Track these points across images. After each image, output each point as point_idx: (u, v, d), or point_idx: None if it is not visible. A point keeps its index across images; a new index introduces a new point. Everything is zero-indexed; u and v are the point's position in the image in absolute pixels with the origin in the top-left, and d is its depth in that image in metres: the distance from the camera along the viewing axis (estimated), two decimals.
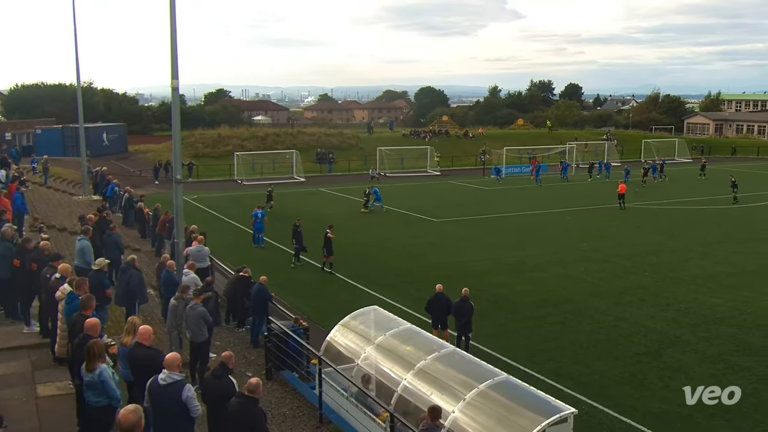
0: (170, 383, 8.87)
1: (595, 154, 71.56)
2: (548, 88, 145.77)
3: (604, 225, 36.95)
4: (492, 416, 10.30)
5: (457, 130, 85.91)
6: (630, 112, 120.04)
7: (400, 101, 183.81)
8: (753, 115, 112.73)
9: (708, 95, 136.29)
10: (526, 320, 20.81)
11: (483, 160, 64.95)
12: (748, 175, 59.64)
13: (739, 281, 25.12)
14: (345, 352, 13.64)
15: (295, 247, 26.98)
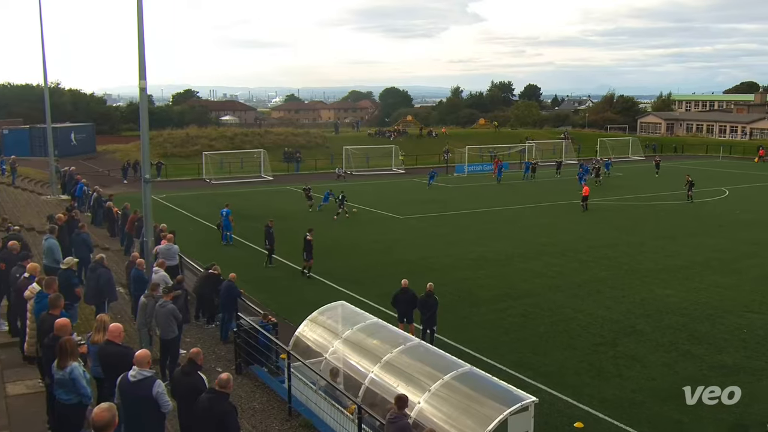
0: (140, 380, 8.76)
1: (553, 152, 72.44)
2: (508, 88, 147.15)
3: (563, 221, 37.36)
4: (456, 406, 10.38)
5: (421, 130, 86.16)
6: (586, 111, 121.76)
7: (366, 101, 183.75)
8: (702, 114, 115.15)
9: (660, 96, 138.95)
10: (488, 313, 20.95)
11: (446, 158, 65.33)
12: (697, 172, 60.82)
13: (689, 273, 25.62)
14: (313, 347, 13.61)
15: (268, 248, 26.70)
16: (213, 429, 9.08)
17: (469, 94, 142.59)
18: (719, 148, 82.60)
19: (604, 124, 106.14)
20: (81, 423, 9.07)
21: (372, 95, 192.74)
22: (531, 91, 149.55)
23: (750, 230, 34.06)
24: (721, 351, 17.77)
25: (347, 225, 35.61)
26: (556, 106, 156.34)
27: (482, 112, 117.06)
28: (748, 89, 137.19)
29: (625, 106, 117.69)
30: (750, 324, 19.80)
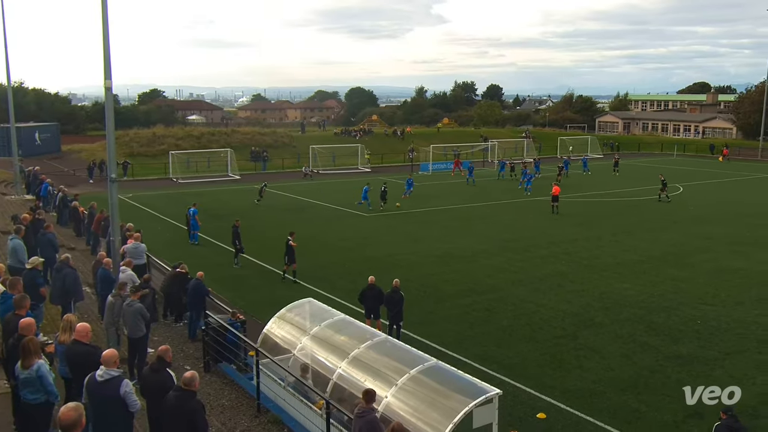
0: (108, 379, 8.61)
1: (515, 151, 73.12)
2: (471, 88, 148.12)
3: (524, 217, 37.75)
4: (423, 399, 10.41)
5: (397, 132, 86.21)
6: (546, 111, 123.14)
7: (332, 101, 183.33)
8: (657, 114, 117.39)
9: (617, 96, 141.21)
10: (453, 308, 21.05)
11: (411, 157, 65.53)
12: (653, 170, 61.93)
13: (646, 267, 26.07)
14: (281, 344, 13.54)
15: (238, 247, 26.40)
16: (181, 427, 8.98)
17: (433, 94, 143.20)
18: (674, 147, 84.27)
19: (564, 123, 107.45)
20: (48, 423, 8.89)
21: (338, 95, 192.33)
22: (493, 91, 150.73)
23: (703, 225, 34.78)
24: (676, 342, 18.12)
25: (314, 223, 35.47)
26: (518, 106, 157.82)
27: (446, 112, 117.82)
28: (700, 90, 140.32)
29: (584, 106, 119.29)
30: (703, 315, 20.23)
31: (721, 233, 32.61)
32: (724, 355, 17.17)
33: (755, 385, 15.44)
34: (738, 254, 28.17)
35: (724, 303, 21.49)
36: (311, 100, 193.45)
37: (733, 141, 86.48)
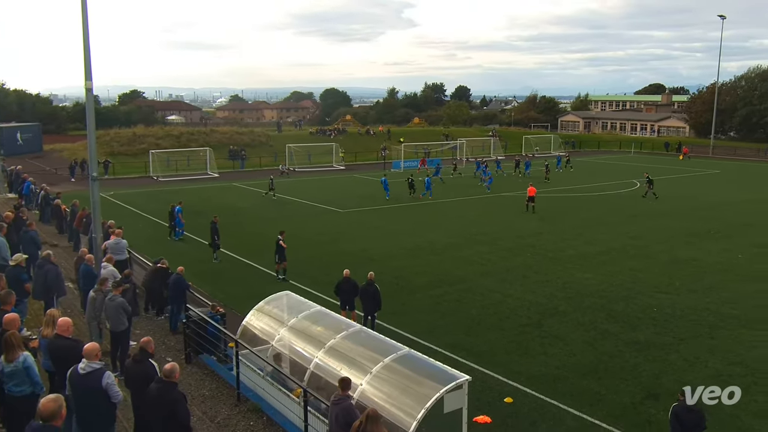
0: (90, 372, 8.50)
1: (482, 149, 73.49)
2: (440, 89, 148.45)
3: (491, 212, 37.98)
4: (396, 386, 10.43)
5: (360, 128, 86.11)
6: (512, 111, 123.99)
7: (307, 101, 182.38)
8: (615, 113, 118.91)
9: (578, 96, 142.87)
10: (424, 299, 21.10)
11: (383, 155, 65.54)
12: (612, 166, 62.77)
13: (606, 259, 26.39)
14: (260, 335, 13.47)
15: (216, 243, 26.14)
16: (164, 417, 8.91)
17: (404, 95, 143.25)
18: (631, 144, 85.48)
19: (529, 122, 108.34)
20: (33, 414, 8.76)
21: (313, 96, 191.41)
22: (461, 92, 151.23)
23: (659, 219, 35.32)
24: (634, 328, 18.38)
25: (291, 219, 35.30)
26: (485, 106, 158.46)
27: (417, 112, 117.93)
28: (656, 91, 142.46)
29: (547, 106, 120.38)
30: (659, 303, 20.55)
31: (675, 226, 33.14)
32: (679, 341, 17.46)
33: (707, 367, 15.74)
34: (691, 246, 28.65)
35: (679, 291, 21.85)
36: (287, 101, 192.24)
37: (686, 139, 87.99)
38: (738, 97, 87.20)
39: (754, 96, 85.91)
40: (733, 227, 33.05)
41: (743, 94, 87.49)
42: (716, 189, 48.50)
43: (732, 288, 22.28)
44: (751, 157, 75.28)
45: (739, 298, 21.09)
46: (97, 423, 8.71)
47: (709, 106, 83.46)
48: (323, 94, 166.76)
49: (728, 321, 18.98)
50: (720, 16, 78.43)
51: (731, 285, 22.66)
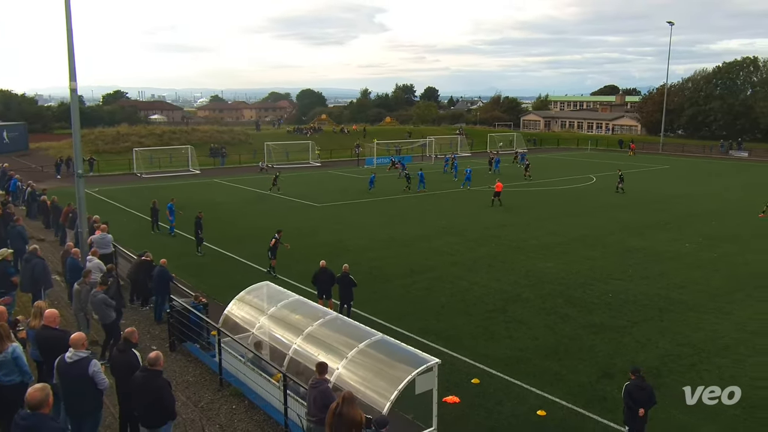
0: (76, 360, 8.39)
1: (450, 146, 73.72)
2: (410, 90, 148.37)
3: (459, 206, 38.13)
4: (370, 370, 10.46)
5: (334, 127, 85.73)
6: (477, 111, 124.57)
7: (284, 102, 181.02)
8: (573, 113, 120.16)
9: (539, 97, 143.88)
10: (397, 288, 21.13)
11: (357, 152, 65.43)
12: (570, 162, 63.44)
13: (565, 248, 26.70)
14: (241, 323, 13.40)
15: (199, 237, 25.64)
16: (149, 403, 8.83)
17: (376, 96, 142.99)
18: (588, 142, 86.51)
19: (493, 121, 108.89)
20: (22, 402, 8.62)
21: (290, 96, 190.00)
22: (430, 92, 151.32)
23: (614, 211, 35.84)
24: (591, 313, 18.65)
25: (270, 213, 35.11)
26: (452, 106, 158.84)
27: (388, 111, 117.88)
28: (610, 92, 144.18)
29: (510, 106, 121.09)
30: (614, 289, 20.87)
31: (629, 218, 33.66)
32: (632, 324, 17.77)
33: (658, 348, 16.05)
34: (643, 236, 29.14)
35: (631, 278, 22.22)
36: (265, 101, 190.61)
37: (638, 137, 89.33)
38: (685, 98, 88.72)
39: (700, 97, 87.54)
40: (681, 218, 33.68)
41: (690, 95, 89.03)
42: (666, 183, 49.34)
43: (680, 274, 22.72)
44: (698, 153, 76.73)
45: (686, 284, 21.52)
46: (84, 410, 8.60)
47: (659, 106, 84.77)
48: (299, 94, 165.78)
49: (676, 305, 19.37)
50: (669, 23, 79.60)
51: (679, 272, 23.11)
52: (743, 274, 22.76)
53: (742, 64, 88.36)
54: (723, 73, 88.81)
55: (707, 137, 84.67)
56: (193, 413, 11.34)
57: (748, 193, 43.20)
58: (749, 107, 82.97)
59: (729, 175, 55.95)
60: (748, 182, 50.18)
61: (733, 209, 36.91)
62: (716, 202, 39.49)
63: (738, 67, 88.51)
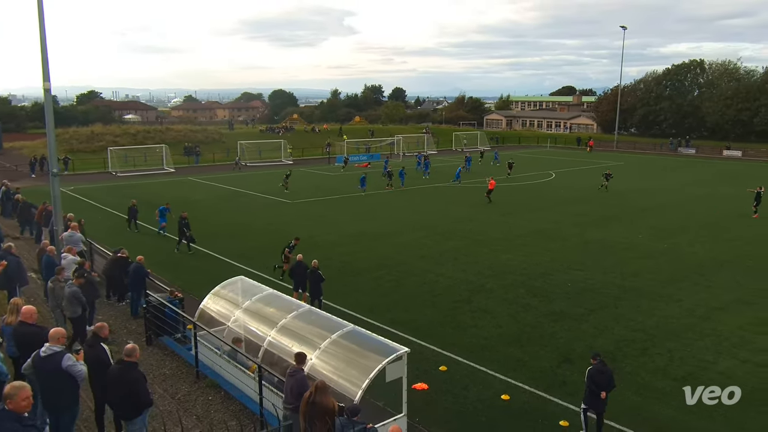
0: (50, 354, 8.22)
1: (417, 145, 73.93)
2: (379, 91, 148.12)
3: (426, 201, 38.28)
4: (342, 359, 10.46)
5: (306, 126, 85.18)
6: (443, 110, 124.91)
7: (257, 102, 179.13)
8: (533, 112, 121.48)
9: (501, 97, 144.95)
10: (367, 281, 21.15)
11: (328, 151, 65.16)
12: (530, 159, 64.14)
13: (526, 241, 27.03)
14: (217, 317, 13.26)
15: (188, 235, 25.07)
16: (124, 396, 8.70)
17: (346, 96, 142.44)
18: (547, 140, 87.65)
19: (458, 120, 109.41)
20: None
21: (262, 96, 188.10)
22: (398, 93, 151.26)
23: (573, 205, 36.38)
24: (551, 302, 18.93)
25: (244, 209, 34.76)
26: (419, 106, 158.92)
27: (358, 111, 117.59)
28: (568, 92, 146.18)
29: (474, 106, 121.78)
30: (572, 279, 21.23)
31: (586, 211, 34.21)
32: (590, 311, 18.09)
33: (614, 334, 16.38)
34: (599, 228, 29.66)
35: (589, 268, 22.60)
36: (238, 101, 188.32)
37: (594, 135, 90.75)
38: (637, 98, 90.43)
39: (651, 97, 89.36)
40: (635, 212, 34.38)
41: (642, 95, 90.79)
42: (620, 179, 50.18)
43: (633, 264, 23.20)
44: (649, 150, 78.35)
45: (639, 273, 21.99)
46: (60, 404, 8.42)
47: (613, 106, 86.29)
48: (271, 94, 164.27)
49: (630, 293, 19.78)
50: (622, 27, 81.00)
51: (633, 262, 23.60)
52: (691, 263, 23.35)
53: (690, 67, 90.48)
54: (672, 75, 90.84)
55: (658, 135, 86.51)
56: (170, 405, 11.19)
57: (696, 188, 44.34)
58: (696, 107, 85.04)
59: (678, 170, 57.28)
60: (696, 178, 51.44)
61: (682, 203, 37.81)
62: (667, 196, 40.37)
63: (686, 69, 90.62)
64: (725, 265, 23.21)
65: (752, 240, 27.49)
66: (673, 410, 12.33)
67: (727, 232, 29.01)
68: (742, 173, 54.72)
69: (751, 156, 69.97)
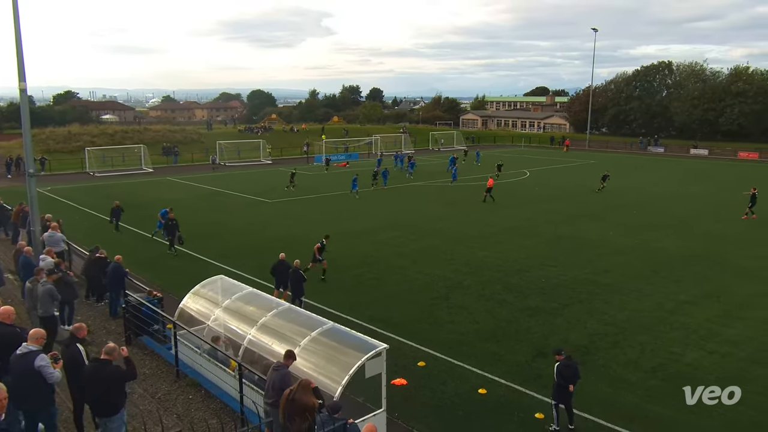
0: (25, 353, 8.10)
1: (394, 144, 73.98)
2: (357, 91, 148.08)
3: (404, 200, 38.33)
4: (322, 356, 10.44)
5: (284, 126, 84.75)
6: (420, 110, 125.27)
7: (235, 102, 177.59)
8: (508, 112, 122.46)
9: (476, 98, 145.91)
10: (347, 279, 21.11)
11: (306, 150, 64.90)
12: (505, 158, 64.51)
13: (502, 238, 27.22)
14: (197, 316, 13.13)
15: (178, 235, 24.62)
16: (100, 394, 8.58)
17: (324, 96, 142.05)
18: (521, 139, 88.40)
19: (434, 120, 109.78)
20: None
21: (240, 97, 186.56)
22: (375, 93, 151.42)
23: (546, 203, 36.74)
24: (527, 297, 19.10)
25: (223, 209, 34.47)
26: (396, 106, 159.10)
27: (336, 111, 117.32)
28: (541, 93, 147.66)
29: (450, 106, 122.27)
30: (547, 275, 21.44)
31: (559, 209, 34.56)
32: (563, 306, 18.30)
33: (586, 328, 16.59)
34: (572, 225, 30.00)
35: (562, 264, 22.84)
36: (216, 101, 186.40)
37: (566, 134, 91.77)
38: (608, 99, 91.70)
39: (622, 98, 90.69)
40: (606, 209, 34.84)
41: (613, 96, 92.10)
42: (592, 177, 50.80)
43: (604, 260, 23.52)
44: (620, 149, 79.47)
45: (611, 268, 22.30)
46: (33, 403, 8.27)
47: (585, 106, 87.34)
48: (250, 95, 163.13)
49: (602, 288, 20.05)
50: (593, 29, 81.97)
51: (604, 257, 23.92)
52: (660, 259, 23.75)
53: (659, 68, 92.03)
54: (641, 76, 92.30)
55: (628, 134, 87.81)
56: (150, 404, 11.07)
57: (665, 186, 45.09)
58: (665, 107, 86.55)
59: (648, 169, 58.17)
60: (665, 176, 52.30)
61: (652, 200, 38.41)
62: (637, 194, 40.98)
63: (654, 70, 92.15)
64: (693, 260, 23.65)
65: (719, 236, 28.06)
66: (639, 399, 12.55)
67: (695, 229, 29.56)
68: (709, 171, 55.84)
69: (717, 155, 71.39)
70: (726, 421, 11.56)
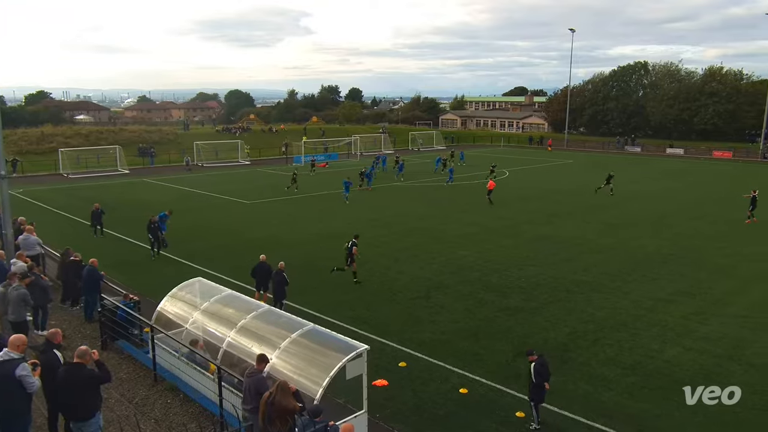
0: (6, 360, 7.92)
1: (374, 144, 73.95)
2: (336, 91, 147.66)
3: (385, 200, 38.33)
4: (303, 358, 10.39)
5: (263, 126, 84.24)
6: (399, 110, 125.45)
7: (213, 102, 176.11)
8: (487, 112, 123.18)
9: (455, 98, 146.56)
10: (328, 279, 21.01)
11: (285, 151, 64.58)
12: (484, 158, 64.89)
13: (483, 238, 27.34)
14: (175, 319, 12.97)
15: (161, 237, 24.24)
16: (73, 398, 8.44)
17: (303, 96, 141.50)
18: (501, 139, 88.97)
19: (414, 120, 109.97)
20: None
21: (218, 96, 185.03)
22: (354, 93, 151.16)
23: (525, 202, 37.01)
24: (506, 296, 19.22)
25: (201, 210, 34.13)
26: (375, 106, 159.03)
27: (315, 111, 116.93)
28: (520, 93, 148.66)
29: (429, 106, 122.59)
30: (526, 275, 21.59)
31: (538, 208, 34.84)
32: (543, 305, 18.45)
33: (566, 326, 16.75)
34: (551, 225, 30.27)
35: (542, 263, 23.02)
36: (194, 101, 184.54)
37: (545, 134, 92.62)
38: (586, 99, 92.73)
39: (599, 98, 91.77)
40: (585, 208, 35.21)
41: (590, 96, 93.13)
42: (570, 176, 51.41)
43: (583, 259, 23.78)
44: (597, 149, 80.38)
45: (589, 267, 22.54)
46: (9, 410, 8.10)
47: (563, 106, 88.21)
48: (228, 95, 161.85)
49: (581, 287, 20.26)
50: (570, 30, 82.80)
51: (583, 256, 24.18)
52: (639, 257, 24.07)
53: (635, 68, 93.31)
54: (618, 76, 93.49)
55: (605, 134, 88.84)
56: (127, 410, 10.91)
57: (642, 185, 45.69)
58: (641, 107, 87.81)
59: (625, 168, 58.86)
60: (642, 175, 53.00)
61: (629, 199, 38.90)
62: (616, 193, 41.45)
63: (631, 70, 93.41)
64: (670, 258, 24.01)
65: (696, 234, 28.53)
66: (618, 396, 12.71)
67: (672, 227, 30.02)
68: (685, 170, 56.74)
69: (692, 154, 72.58)
70: (707, 416, 11.74)
